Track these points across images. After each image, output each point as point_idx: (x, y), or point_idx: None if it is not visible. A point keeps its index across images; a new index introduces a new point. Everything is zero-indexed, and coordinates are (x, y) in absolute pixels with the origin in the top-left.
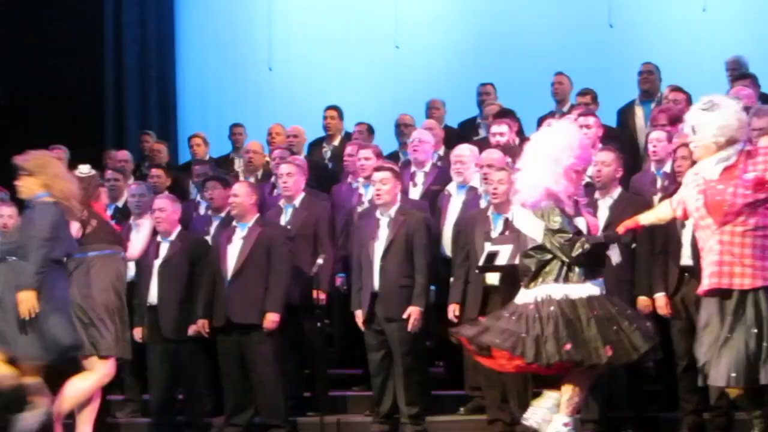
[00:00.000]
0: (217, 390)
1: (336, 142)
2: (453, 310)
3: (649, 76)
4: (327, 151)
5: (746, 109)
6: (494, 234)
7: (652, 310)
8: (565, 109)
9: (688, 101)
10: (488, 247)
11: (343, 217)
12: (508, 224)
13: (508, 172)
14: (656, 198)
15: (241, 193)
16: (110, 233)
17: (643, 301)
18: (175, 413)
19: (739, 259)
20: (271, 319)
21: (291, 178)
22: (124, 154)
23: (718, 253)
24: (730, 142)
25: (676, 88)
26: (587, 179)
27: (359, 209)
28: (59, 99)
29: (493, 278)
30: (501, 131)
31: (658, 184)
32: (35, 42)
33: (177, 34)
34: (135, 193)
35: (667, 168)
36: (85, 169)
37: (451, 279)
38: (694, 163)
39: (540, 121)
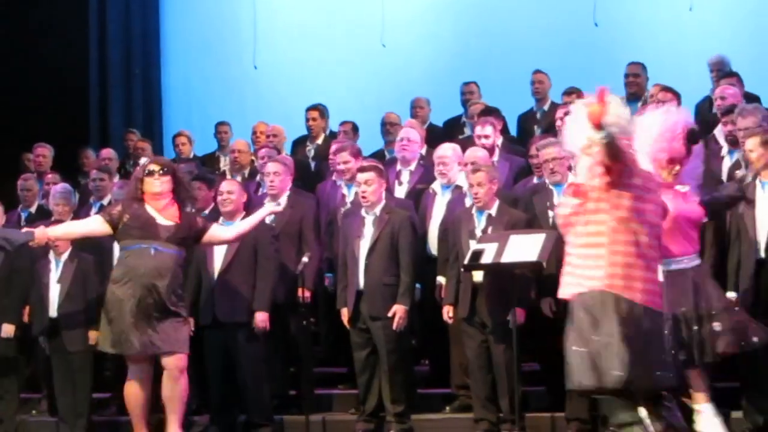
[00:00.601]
0: (201, 388)
1: (319, 140)
2: (447, 312)
3: (635, 79)
4: (311, 150)
5: (731, 108)
6: (478, 231)
7: None
8: (546, 107)
9: (678, 102)
10: (473, 245)
11: (326, 216)
12: (491, 221)
13: (486, 173)
14: None
15: (235, 190)
16: None
17: None
18: (159, 411)
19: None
20: (260, 319)
21: (278, 177)
22: (108, 153)
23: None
24: None
25: (665, 88)
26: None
27: (342, 209)
28: (43, 97)
29: (479, 276)
30: (486, 134)
31: None
32: (19, 40)
33: (162, 32)
34: (117, 197)
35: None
36: None
37: (439, 278)
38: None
39: (520, 120)
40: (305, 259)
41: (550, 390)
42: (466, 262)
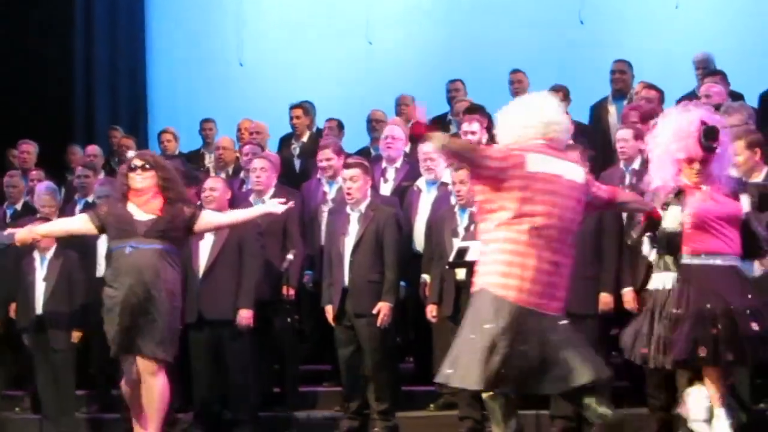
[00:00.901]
0: (186, 386)
1: (304, 138)
2: (431, 311)
3: (621, 76)
4: (296, 148)
5: (717, 106)
6: (461, 229)
7: (614, 307)
8: None
9: (661, 99)
10: (458, 243)
11: (308, 214)
12: (474, 219)
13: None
14: None
15: (219, 188)
16: None
17: (605, 297)
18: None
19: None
20: (244, 316)
21: (264, 173)
22: (93, 149)
23: None
24: None
25: (649, 85)
26: None
27: (324, 207)
28: (28, 93)
29: (462, 274)
30: (472, 130)
31: (627, 180)
32: (4, 36)
33: (147, 28)
34: (100, 194)
35: (636, 165)
36: None
37: (424, 276)
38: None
39: None
40: (290, 256)
41: None
42: (450, 260)
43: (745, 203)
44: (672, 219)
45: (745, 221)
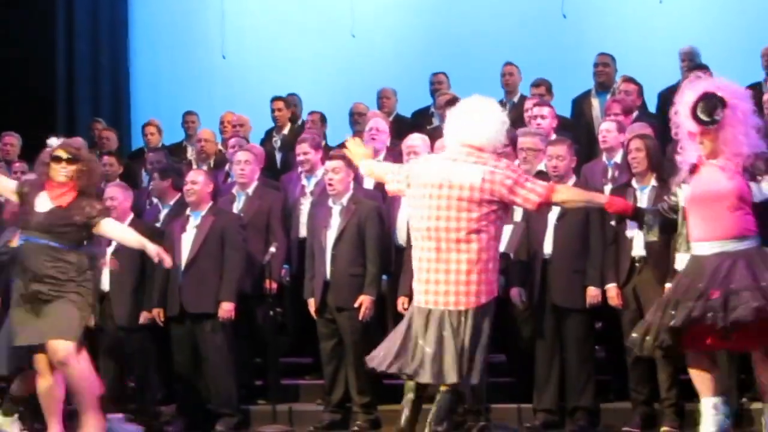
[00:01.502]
0: (168, 379)
1: (285, 131)
2: (402, 303)
3: (604, 69)
4: (277, 141)
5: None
6: None
7: (601, 300)
8: (516, 99)
9: (640, 92)
10: None
11: (287, 207)
12: None
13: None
14: (606, 188)
15: (200, 181)
16: None
17: (592, 291)
18: (126, 401)
19: None
20: (226, 309)
21: (248, 166)
22: (77, 141)
23: None
24: None
25: (629, 79)
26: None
27: (302, 200)
28: (11, 85)
29: None
30: None
31: (609, 174)
32: None
33: (130, 21)
34: None
35: (617, 158)
36: None
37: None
38: (648, 154)
39: None
40: (272, 249)
41: (516, 381)
42: None
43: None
44: (682, 199)
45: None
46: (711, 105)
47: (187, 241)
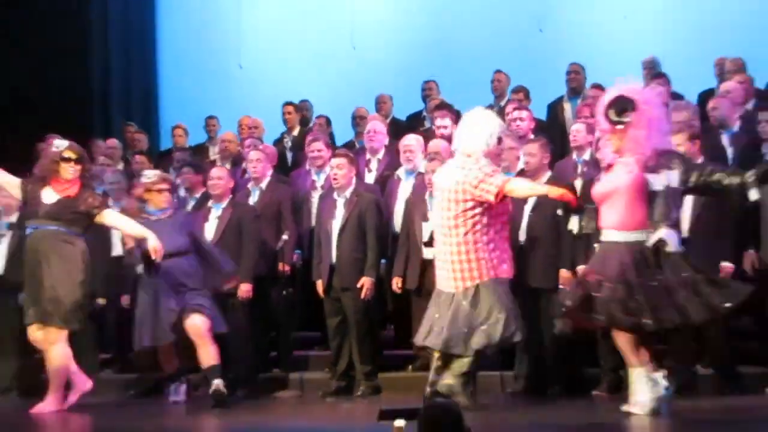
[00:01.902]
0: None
1: (295, 132)
2: (396, 283)
3: (576, 76)
4: (288, 141)
5: (665, 104)
6: (430, 214)
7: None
8: (503, 103)
9: None
10: (426, 226)
11: (298, 200)
12: None
13: (440, 162)
14: (577, 183)
15: (224, 176)
16: None
17: (564, 273)
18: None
19: None
20: (244, 288)
21: (260, 164)
22: (113, 142)
23: None
24: None
25: (597, 86)
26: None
27: (313, 193)
28: (54, 95)
29: (428, 253)
30: (444, 124)
31: (579, 169)
32: (26, 40)
33: (157, 37)
34: (113, 180)
35: (586, 156)
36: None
37: None
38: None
39: None
40: (285, 236)
41: (499, 350)
42: (425, 239)
43: (672, 177)
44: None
45: (652, 192)
46: (621, 107)
47: (209, 230)
